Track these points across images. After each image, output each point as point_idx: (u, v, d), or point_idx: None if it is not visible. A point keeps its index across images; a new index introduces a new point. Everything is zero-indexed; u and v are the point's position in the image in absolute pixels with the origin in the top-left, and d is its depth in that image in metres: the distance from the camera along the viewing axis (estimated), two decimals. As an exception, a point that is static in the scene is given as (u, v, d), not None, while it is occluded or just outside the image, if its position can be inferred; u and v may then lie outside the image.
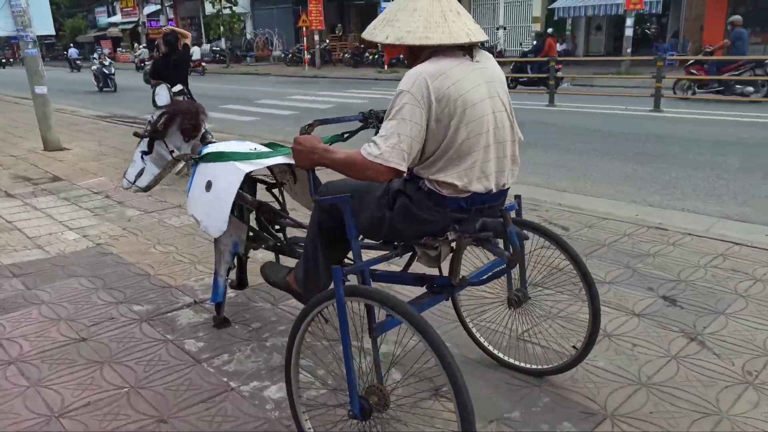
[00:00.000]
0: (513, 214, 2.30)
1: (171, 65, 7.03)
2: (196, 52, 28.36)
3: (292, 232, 3.12)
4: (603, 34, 24.26)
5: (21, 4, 7.94)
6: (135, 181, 3.23)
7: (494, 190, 1.96)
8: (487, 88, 1.88)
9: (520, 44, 25.22)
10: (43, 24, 8.33)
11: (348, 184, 2.13)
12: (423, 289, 2.24)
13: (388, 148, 1.75)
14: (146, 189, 3.25)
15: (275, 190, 3.13)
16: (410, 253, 2.18)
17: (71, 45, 40.32)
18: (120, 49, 45.17)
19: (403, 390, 2.38)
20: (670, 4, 21.31)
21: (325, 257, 2.28)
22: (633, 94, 12.73)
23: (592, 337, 2.37)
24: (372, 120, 2.50)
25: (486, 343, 2.72)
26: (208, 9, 37.60)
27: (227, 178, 2.69)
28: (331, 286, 1.83)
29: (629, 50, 17.81)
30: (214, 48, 37.49)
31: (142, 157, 3.19)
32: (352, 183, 2.08)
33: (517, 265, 2.31)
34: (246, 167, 2.67)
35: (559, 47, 23.47)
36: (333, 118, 2.39)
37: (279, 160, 2.70)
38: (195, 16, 43.84)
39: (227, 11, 32.50)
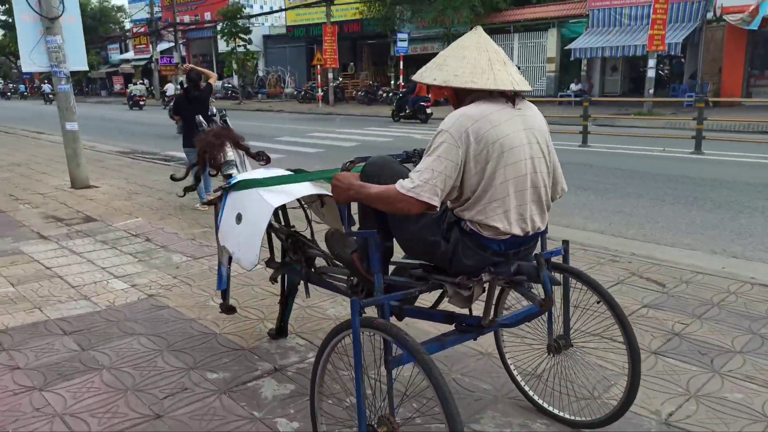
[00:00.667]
0: (560, 260, 2.34)
1: (189, 101, 6.99)
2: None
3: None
4: (619, 75, 24.27)
5: (57, 41, 7.76)
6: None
7: (531, 233, 2.03)
8: (527, 134, 1.97)
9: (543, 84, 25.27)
10: (77, 59, 8.14)
11: (390, 171, 2.16)
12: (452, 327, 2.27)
13: (422, 182, 1.85)
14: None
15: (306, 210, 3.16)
16: (440, 291, 2.23)
17: (45, 81, 41.16)
18: (132, 84, 45.58)
19: (415, 427, 2.35)
20: (686, 46, 21.33)
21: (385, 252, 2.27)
22: (670, 136, 12.50)
23: (631, 396, 2.28)
24: (415, 158, 2.55)
25: (526, 387, 2.68)
26: (221, 47, 38.17)
27: (256, 211, 2.70)
28: None
29: (651, 91, 17.65)
30: (226, 85, 37.74)
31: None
32: (394, 173, 2.12)
33: (561, 311, 2.37)
34: (274, 200, 2.67)
35: (574, 87, 23.62)
36: (375, 157, 2.35)
37: (307, 191, 2.74)
38: (207, 54, 44.39)
39: (241, 49, 32.78)
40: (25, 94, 46.22)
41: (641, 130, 13.67)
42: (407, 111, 18.86)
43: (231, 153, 3.24)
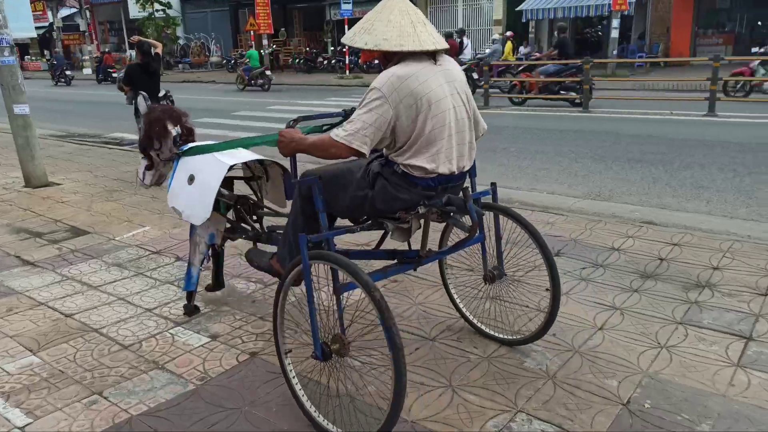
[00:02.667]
0: (489, 199, 2.67)
1: (148, 73, 7.03)
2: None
3: (268, 221, 3.36)
4: (568, 37, 23.95)
5: (-8, -3, 6.02)
6: (144, 179, 3.40)
7: (456, 173, 2.30)
8: (449, 86, 2.24)
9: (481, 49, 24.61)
10: (21, 24, 6.44)
11: (325, 170, 2.44)
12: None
13: (353, 131, 2.12)
14: (150, 186, 3.45)
15: (253, 183, 3.38)
16: (381, 233, 2.56)
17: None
18: (29, 57, 40.86)
19: (362, 342, 2.57)
20: (633, 5, 21.25)
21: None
22: (678, 98, 12.07)
23: (552, 315, 2.63)
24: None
25: (465, 311, 3.03)
26: (133, 12, 34.67)
27: (210, 170, 2.91)
28: None
29: (615, 52, 17.38)
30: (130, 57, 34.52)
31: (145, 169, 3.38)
32: (329, 169, 2.44)
33: (495, 245, 2.71)
34: (229, 160, 2.91)
35: (523, 50, 23.12)
36: (316, 115, 2.74)
37: (254, 156, 3.07)
38: (115, 21, 40.44)
39: (160, 14, 29.89)
40: None
41: (622, 93, 13.24)
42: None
43: (174, 131, 3.26)
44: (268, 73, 19.50)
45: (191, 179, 2.98)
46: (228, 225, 3.28)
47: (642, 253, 3.96)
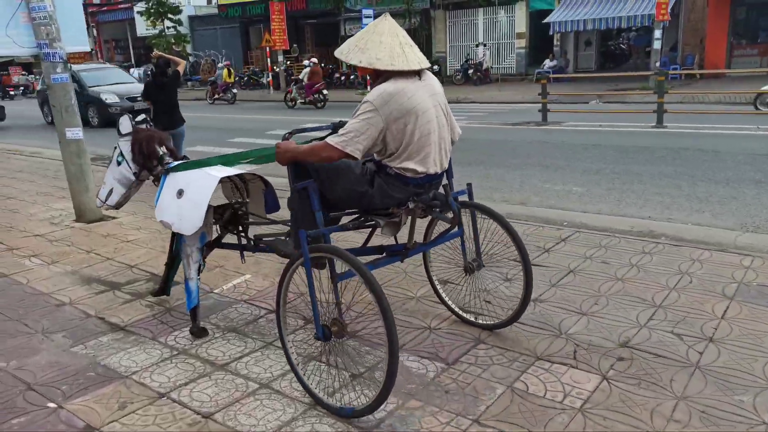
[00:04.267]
0: (465, 197, 3.00)
1: (159, 87, 7.31)
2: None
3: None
4: (594, 49, 23.37)
5: (46, 7, 5.21)
6: (106, 200, 3.55)
7: (439, 172, 2.68)
8: (432, 99, 2.59)
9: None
10: (76, 36, 5.64)
11: (329, 167, 2.63)
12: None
13: (348, 138, 2.41)
14: (117, 207, 3.60)
15: (237, 193, 3.47)
16: (369, 231, 3.00)
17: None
18: (33, 76, 40.13)
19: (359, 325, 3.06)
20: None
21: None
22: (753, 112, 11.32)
23: (525, 301, 2.96)
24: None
25: (449, 301, 3.34)
26: (140, 30, 34.08)
27: (201, 183, 3.06)
28: None
29: (657, 64, 16.67)
30: (149, 71, 33.81)
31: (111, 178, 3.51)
32: (334, 165, 2.61)
33: (473, 239, 3.03)
34: (218, 173, 3.07)
35: (549, 63, 22.48)
36: (309, 128, 3.08)
37: (242, 170, 3.21)
38: (121, 39, 39.87)
39: (171, 31, 29.25)
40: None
41: (680, 106, 12.48)
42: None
43: (161, 151, 3.37)
44: (234, 90, 22.45)
45: (180, 193, 3.11)
46: (215, 221, 3.39)
47: None
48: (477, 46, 24.90)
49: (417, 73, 2.55)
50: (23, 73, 37.81)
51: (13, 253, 4.85)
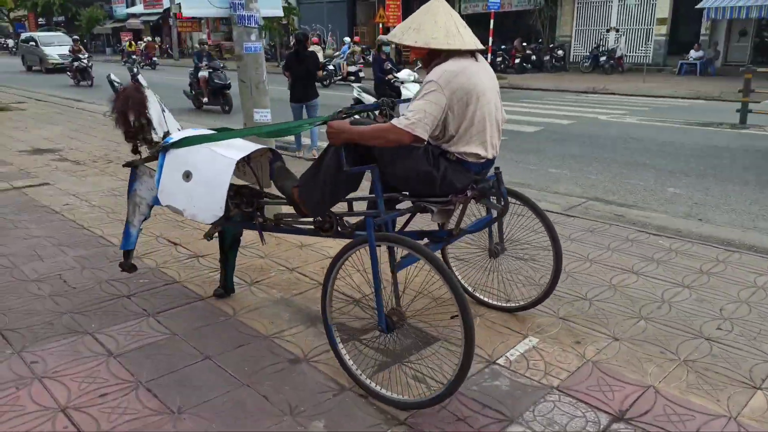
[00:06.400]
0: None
1: (298, 60, 7.67)
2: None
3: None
4: (749, 40, 20.69)
5: (246, -42, 4.22)
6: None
7: (495, 156, 2.62)
8: (489, 82, 2.52)
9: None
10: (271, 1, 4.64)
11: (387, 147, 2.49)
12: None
13: (416, 120, 2.31)
14: (124, 164, 3.26)
15: (248, 171, 3.23)
16: (409, 215, 2.82)
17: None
18: (141, 43, 41.07)
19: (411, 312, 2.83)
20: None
21: (336, 192, 2.68)
22: None
23: (556, 277, 2.99)
24: (385, 108, 2.98)
25: (468, 287, 3.33)
26: (247, 1, 33.75)
27: (214, 167, 2.81)
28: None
29: None
30: (293, 44, 33.56)
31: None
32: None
33: (497, 224, 3.04)
34: (233, 154, 2.82)
35: (695, 54, 20.11)
36: (356, 106, 2.86)
37: (254, 147, 2.98)
38: (227, 9, 39.94)
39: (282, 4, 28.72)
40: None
41: None
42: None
43: (152, 109, 3.10)
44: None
45: (187, 175, 2.86)
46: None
47: None
48: (608, 31, 22.78)
49: (473, 55, 2.50)
50: (135, 40, 38.68)
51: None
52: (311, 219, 2.84)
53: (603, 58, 21.28)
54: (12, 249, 4.11)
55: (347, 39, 22.05)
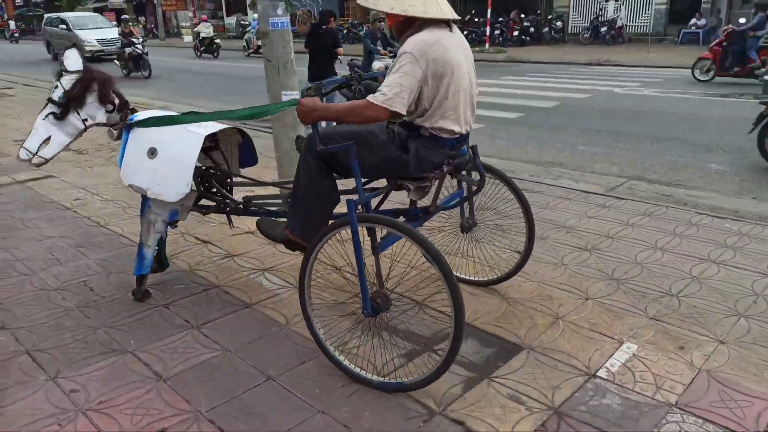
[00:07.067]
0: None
1: (317, 36, 7.52)
2: (208, 28, 22.39)
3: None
4: (752, 8, 20.28)
5: None
6: (37, 152, 2.90)
7: (470, 131, 2.54)
8: (464, 53, 2.41)
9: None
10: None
11: (349, 132, 2.49)
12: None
13: (393, 95, 2.20)
14: (48, 160, 2.93)
15: (216, 152, 3.15)
16: (381, 196, 2.78)
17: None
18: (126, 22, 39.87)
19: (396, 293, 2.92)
20: None
21: (322, 207, 2.58)
22: None
23: (530, 244, 3.00)
24: (354, 82, 2.90)
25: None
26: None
27: (182, 143, 2.73)
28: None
29: None
30: (242, 21, 32.73)
31: (50, 124, 2.91)
32: (354, 131, 2.48)
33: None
34: (201, 131, 2.76)
35: (697, 23, 19.72)
36: (326, 82, 2.71)
37: (221, 126, 2.92)
38: (212, -15, 38.83)
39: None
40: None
41: None
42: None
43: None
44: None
45: (152, 152, 2.77)
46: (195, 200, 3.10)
47: None
48: (607, 0, 22.33)
49: (448, 26, 2.39)
50: (118, 20, 37.48)
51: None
52: (280, 201, 2.82)
53: (604, 29, 20.85)
54: (27, 252, 3.73)
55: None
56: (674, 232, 3.91)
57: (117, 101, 2.97)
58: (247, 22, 31.59)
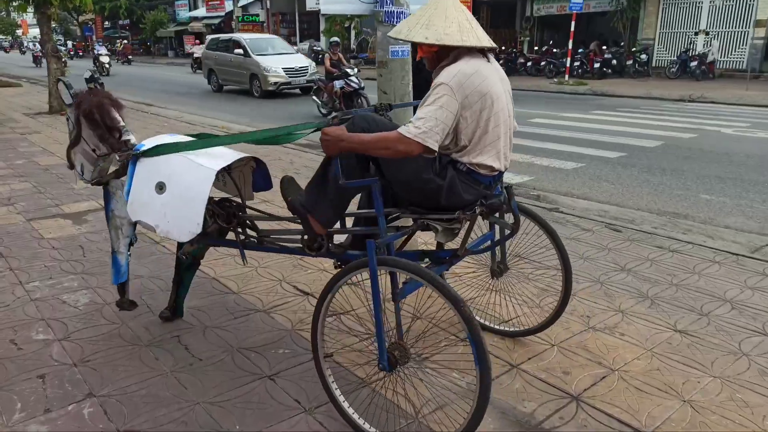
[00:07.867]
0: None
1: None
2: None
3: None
4: None
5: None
6: (82, 175, 2.90)
7: (506, 168, 2.36)
8: (502, 85, 2.26)
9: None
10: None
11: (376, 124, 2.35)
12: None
13: (427, 129, 2.03)
14: (93, 182, 2.84)
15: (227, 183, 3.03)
16: (405, 236, 2.56)
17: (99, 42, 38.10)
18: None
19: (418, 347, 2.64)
20: None
21: (339, 205, 2.45)
22: None
23: (565, 298, 2.77)
24: (382, 112, 2.68)
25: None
26: (309, 4, 33.28)
27: (192, 177, 2.55)
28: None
29: None
30: (315, 48, 33.19)
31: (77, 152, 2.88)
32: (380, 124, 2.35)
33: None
34: (212, 164, 2.55)
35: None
36: (352, 111, 2.53)
37: (236, 155, 2.70)
38: (288, 12, 39.75)
39: (347, 5, 28.12)
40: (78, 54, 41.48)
41: None
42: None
43: (118, 116, 2.79)
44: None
45: (160, 187, 2.58)
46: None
47: None
48: (696, 34, 21.21)
49: (485, 55, 2.23)
50: (196, 41, 38.91)
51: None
52: (298, 237, 2.66)
53: (693, 63, 19.73)
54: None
55: None
56: None
57: (109, 125, 2.75)
58: (319, 48, 32.08)
